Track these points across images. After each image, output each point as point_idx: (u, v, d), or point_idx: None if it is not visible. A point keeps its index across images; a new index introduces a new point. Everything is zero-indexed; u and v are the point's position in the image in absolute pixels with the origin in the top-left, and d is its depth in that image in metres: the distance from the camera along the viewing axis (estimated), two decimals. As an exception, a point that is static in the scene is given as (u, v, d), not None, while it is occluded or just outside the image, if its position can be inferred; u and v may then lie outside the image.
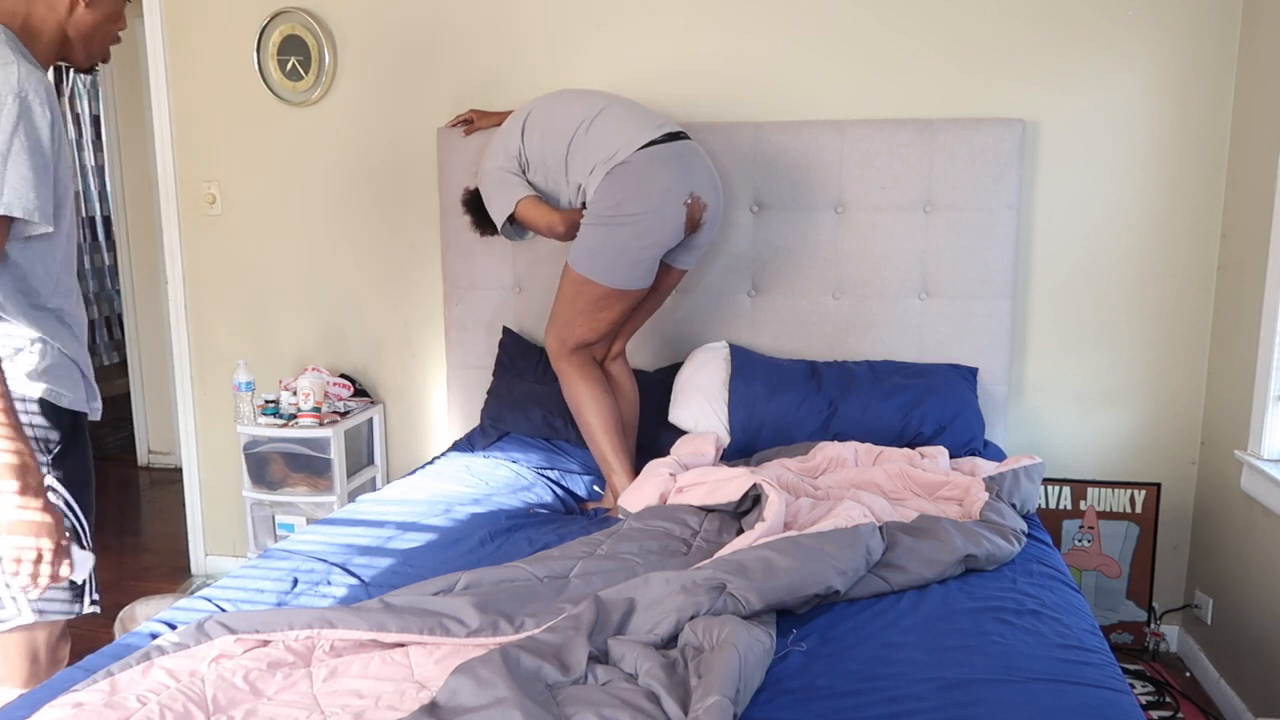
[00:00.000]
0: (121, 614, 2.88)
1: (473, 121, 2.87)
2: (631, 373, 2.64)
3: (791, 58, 2.84)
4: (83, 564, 1.61)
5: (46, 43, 1.62)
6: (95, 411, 1.76)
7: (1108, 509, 2.84)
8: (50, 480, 1.65)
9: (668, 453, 2.56)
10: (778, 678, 1.48)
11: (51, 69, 1.67)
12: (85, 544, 1.72)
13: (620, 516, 2.26)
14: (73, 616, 1.72)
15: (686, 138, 2.38)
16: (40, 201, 1.52)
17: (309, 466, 3.03)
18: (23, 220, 1.53)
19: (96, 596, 1.76)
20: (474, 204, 2.64)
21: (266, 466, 3.06)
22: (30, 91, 1.50)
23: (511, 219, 2.46)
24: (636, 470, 2.44)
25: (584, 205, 2.39)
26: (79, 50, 1.67)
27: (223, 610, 1.73)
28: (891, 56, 2.79)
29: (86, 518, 1.73)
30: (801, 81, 2.84)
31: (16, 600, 1.65)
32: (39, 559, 1.50)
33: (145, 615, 2.85)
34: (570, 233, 2.39)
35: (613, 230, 2.29)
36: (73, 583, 1.68)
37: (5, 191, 1.48)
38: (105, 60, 1.74)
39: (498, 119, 2.85)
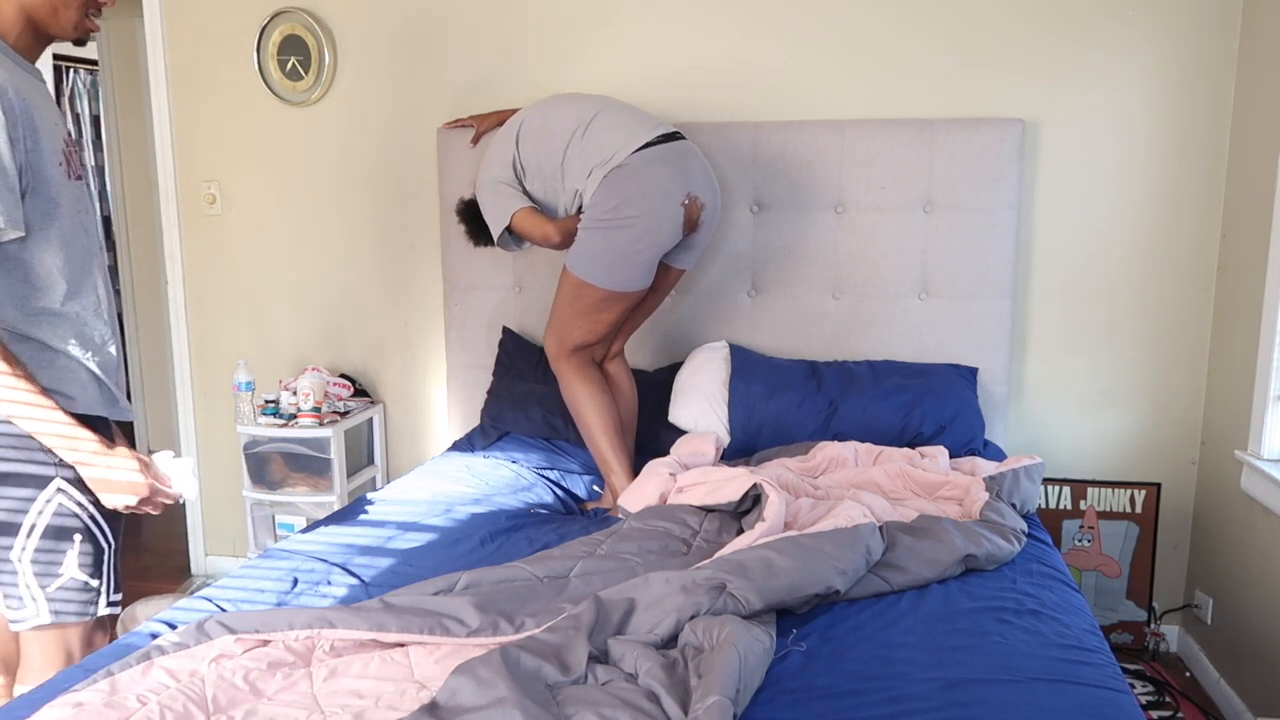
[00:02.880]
0: (122, 614, 2.87)
1: (474, 127, 2.86)
2: (630, 372, 2.64)
3: (791, 58, 2.84)
4: (185, 478, 1.69)
5: (13, 23, 1.59)
6: (121, 414, 1.75)
7: (1108, 509, 2.84)
8: (61, 484, 1.64)
9: (668, 452, 2.56)
10: (778, 678, 1.48)
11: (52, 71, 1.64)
12: (106, 544, 1.71)
13: (620, 516, 2.26)
14: (89, 618, 1.71)
15: (682, 138, 2.38)
16: (6, 207, 1.49)
17: (309, 466, 3.03)
18: None
19: (116, 598, 1.76)
20: (468, 214, 2.64)
21: (266, 466, 3.06)
22: None
23: (509, 229, 2.47)
24: (636, 470, 2.44)
25: (579, 211, 2.39)
26: (51, 25, 1.63)
27: (223, 610, 1.73)
28: (891, 56, 2.79)
29: (111, 523, 1.72)
30: (801, 81, 2.84)
31: (35, 599, 1.65)
32: (139, 505, 1.64)
33: (145, 615, 2.85)
34: (565, 242, 2.39)
35: (610, 233, 2.29)
36: (88, 584, 1.69)
37: None
38: (92, 28, 1.68)
39: (497, 119, 2.85)
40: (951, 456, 2.47)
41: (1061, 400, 2.88)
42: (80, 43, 1.71)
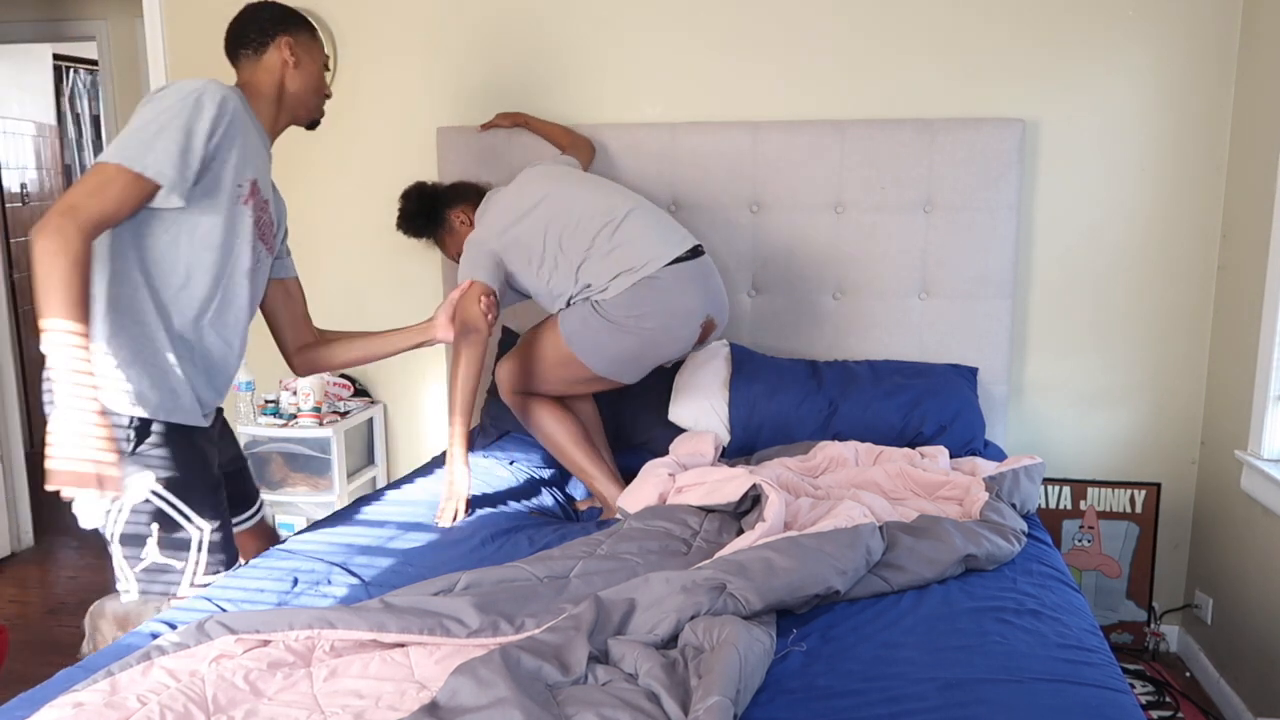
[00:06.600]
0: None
1: (502, 126, 2.87)
2: None
3: (792, 58, 2.83)
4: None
5: (268, 101, 1.92)
6: (198, 419, 1.87)
7: (1108, 509, 2.84)
8: (136, 467, 1.76)
9: (667, 451, 2.56)
10: (778, 678, 1.48)
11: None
12: (196, 529, 1.85)
13: (618, 518, 2.26)
14: (170, 597, 1.83)
15: (703, 252, 2.41)
16: (176, 177, 1.68)
17: (309, 466, 3.03)
18: (159, 196, 1.69)
19: (205, 581, 1.86)
20: (415, 197, 2.64)
21: (266, 466, 3.06)
22: (208, 99, 1.72)
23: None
24: (629, 474, 2.44)
25: (568, 303, 2.37)
26: (300, 113, 1.98)
27: (223, 610, 1.73)
28: (892, 57, 2.79)
29: (200, 508, 1.85)
30: (802, 81, 2.84)
31: (128, 578, 1.85)
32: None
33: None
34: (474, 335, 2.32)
35: (626, 335, 2.31)
36: (169, 566, 1.84)
37: (150, 157, 1.65)
38: (320, 114, 2.03)
39: (514, 120, 2.85)
40: (952, 456, 2.47)
41: (1061, 400, 2.88)
42: (313, 126, 2.03)
